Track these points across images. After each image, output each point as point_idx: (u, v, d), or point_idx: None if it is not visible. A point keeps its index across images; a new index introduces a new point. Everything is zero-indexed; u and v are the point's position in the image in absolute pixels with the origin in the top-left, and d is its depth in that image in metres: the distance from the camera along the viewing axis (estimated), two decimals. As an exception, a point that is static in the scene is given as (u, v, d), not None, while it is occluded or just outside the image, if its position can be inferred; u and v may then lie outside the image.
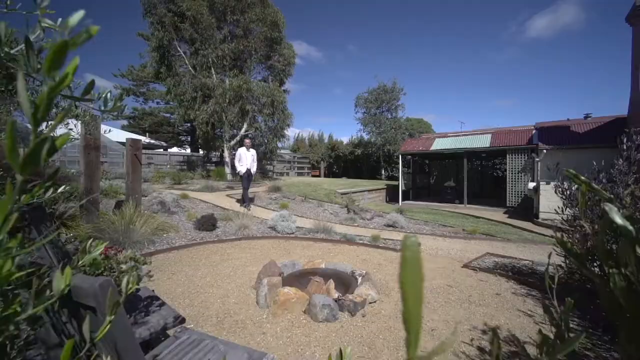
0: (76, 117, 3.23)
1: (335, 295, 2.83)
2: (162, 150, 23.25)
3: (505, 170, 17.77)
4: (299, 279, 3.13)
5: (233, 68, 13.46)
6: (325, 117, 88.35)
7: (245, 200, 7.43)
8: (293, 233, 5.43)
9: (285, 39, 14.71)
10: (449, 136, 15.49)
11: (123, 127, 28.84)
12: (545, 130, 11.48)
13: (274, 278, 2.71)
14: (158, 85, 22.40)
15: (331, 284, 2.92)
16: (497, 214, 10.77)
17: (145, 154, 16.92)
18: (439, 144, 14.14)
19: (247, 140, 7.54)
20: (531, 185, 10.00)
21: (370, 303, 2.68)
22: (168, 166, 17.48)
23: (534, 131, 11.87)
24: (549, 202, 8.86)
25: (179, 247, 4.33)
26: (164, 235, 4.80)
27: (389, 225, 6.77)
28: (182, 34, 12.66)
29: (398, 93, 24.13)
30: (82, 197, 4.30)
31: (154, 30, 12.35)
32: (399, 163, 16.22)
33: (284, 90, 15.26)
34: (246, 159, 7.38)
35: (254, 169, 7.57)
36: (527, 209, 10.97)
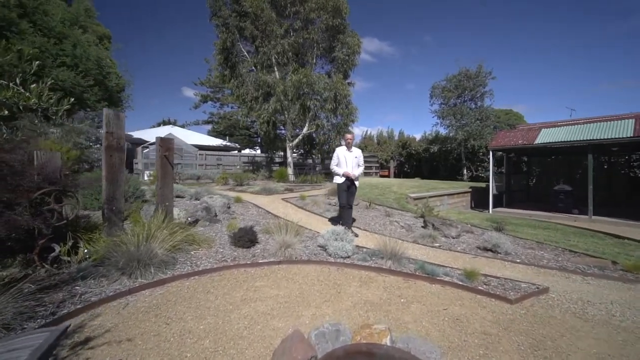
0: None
1: None
2: (236, 152, 24.42)
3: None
4: (344, 366, 1.79)
5: (294, 63, 12.74)
6: (396, 115, 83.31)
7: (346, 223, 5.14)
8: (349, 257, 4.09)
9: (349, 27, 13.40)
10: (560, 125, 11.96)
11: (209, 133, 31.51)
12: None
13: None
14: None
15: (401, 396, 1.51)
16: (650, 233, 7.48)
17: (215, 155, 17.66)
18: (546, 136, 10.95)
19: (348, 136, 5.30)
20: None
21: None
22: (238, 167, 17.97)
23: None
24: None
25: (201, 272, 3.42)
26: (193, 252, 4.00)
27: (485, 249, 4.85)
28: (243, 33, 12.47)
29: (485, 78, 20.39)
30: (104, 205, 3.74)
31: (218, 32, 12.44)
32: (486, 161, 13.34)
33: (348, 83, 13.97)
34: (346, 163, 5.16)
35: (357, 177, 5.21)
36: None
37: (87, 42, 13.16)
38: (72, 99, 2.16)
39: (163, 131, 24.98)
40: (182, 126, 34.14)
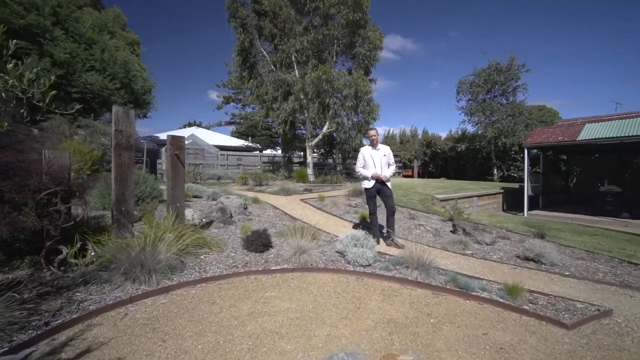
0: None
1: None
2: (257, 152, 24.55)
3: None
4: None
5: (314, 60, 12.44)
6: (421, 113, 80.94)
7: (374, 233, 4.56)
8: (370, 265, 3.70)
9: (370, 21, 12.92)
10: (607, 119, 10.80)
11: (232, 133, 32.05)
12: None
13: None
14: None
15: None
16: None
17: (236, 155, 17.74)
18: (591, 132, 9.90)
19: (371, 132, 4.70)
20: None
21: None
22: (258, 167, 17.97)
23: None
24: None
25: (209, 279, 3.18)
26: (203, 256, 3.78)
27: (527, 259, 4.28)
28: (262, 32, 12.35)
29: (517, 71, 19.08)
30: (112, 206, 3.61)
31: (236, 33, 12.37)
32: (518, 160, 12.31)
33: (370, 79, 13.47)
34: (374, 164, 4.59)
35: (388, 179, 4.63)
36: None
37: (114, 47, 13.61)
38: (58, 73, 1.92)
39: (187, 132, 25.62)
40: (207, 127, 35.00)
